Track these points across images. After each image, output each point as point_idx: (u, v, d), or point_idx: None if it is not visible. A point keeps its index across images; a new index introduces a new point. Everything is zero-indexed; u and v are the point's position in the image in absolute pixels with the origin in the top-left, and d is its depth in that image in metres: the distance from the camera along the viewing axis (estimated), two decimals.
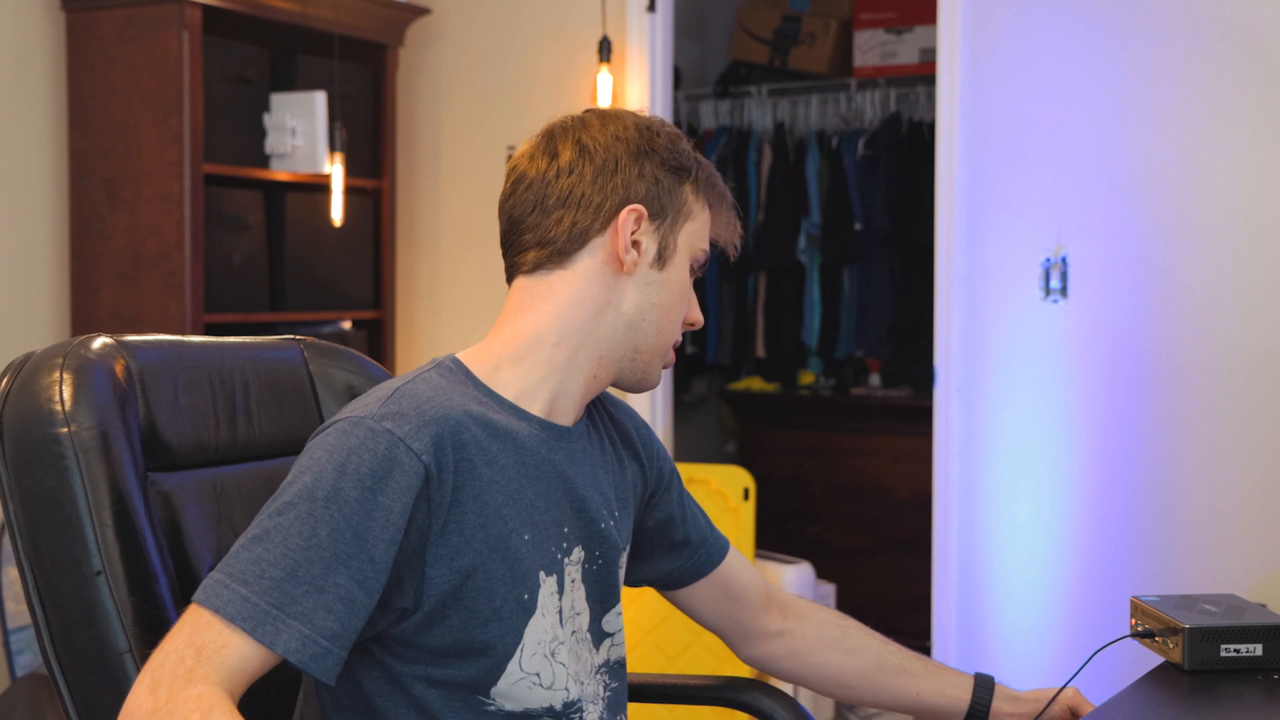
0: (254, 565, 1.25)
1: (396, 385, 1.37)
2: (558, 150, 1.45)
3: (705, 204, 1.50)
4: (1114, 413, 3.28)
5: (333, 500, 1.26)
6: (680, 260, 1.48)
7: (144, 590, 1.37)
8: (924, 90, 4.99)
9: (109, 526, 1.36)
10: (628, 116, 1.49)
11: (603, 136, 1.45)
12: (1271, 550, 3.12)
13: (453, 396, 1.37)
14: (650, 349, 1.48)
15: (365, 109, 3.94)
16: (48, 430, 1.38)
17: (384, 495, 1.28)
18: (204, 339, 1.64)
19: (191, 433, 1.53)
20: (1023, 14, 3.37)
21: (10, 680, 3.27)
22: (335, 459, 1.28)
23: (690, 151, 1.50)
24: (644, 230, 1.45)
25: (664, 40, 3.87)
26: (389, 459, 1.29)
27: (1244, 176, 3.14)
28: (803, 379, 5.32)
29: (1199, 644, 1.62)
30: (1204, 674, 1.62)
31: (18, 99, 3.47)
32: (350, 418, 1.32)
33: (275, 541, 1.25)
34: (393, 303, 4.03)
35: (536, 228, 1.44)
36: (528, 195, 1.45)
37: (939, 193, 3.48)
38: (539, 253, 1.44)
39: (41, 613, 1.38)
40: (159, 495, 1.47)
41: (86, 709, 1.37)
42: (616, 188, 1.44)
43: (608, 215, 1.43)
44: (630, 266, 1.44)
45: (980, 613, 3.45)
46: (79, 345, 1.46)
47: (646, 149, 1.46)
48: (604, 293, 1.44)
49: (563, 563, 1.43)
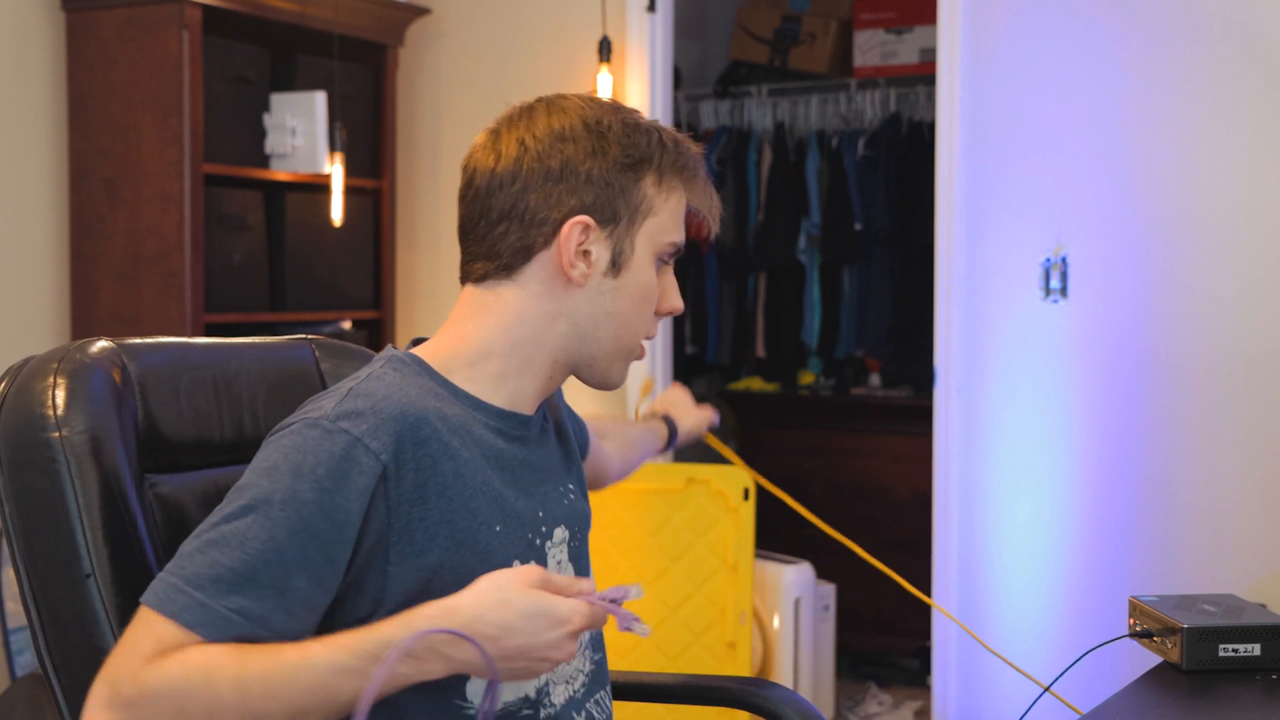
0: (209, 569, 1.23)
1: (350, 384, 1.35)
2: (502, 153, 1.40)
3: (673, 187, 1.42)
4: (1114, 413, 3.28)
5: (289, 503, 1.25)
6: (640, 261, 1.41)
7: (135, 593, 1.37)
8: (924, 90, 4.99)
9: (99, 530, 1.37)
10: (576, 110, 1.41)
11: (546, 137, 1.39)
12: (1271, 550, 3.12)
13: (410, 392, 1.34)
14: (607, 355, 1.44)
15: (365, 109, 3.94)
16: (40, 434, 1.39)
17: (341, 496, 1.26)
18: (209, 340, 1.64)
19: (194, 433, 1.53)
20: (1023, 14, 3.37)
21: (10, 680, 3.27)
22: (291, 460, 1.27)
23: (649, 135, 1.41)
24: (593, 239, 1.39)
25: (664, 40, 3.87)
26: (346, 459, 1.27)
27: (1244, 176, 3.14)
28: (803, 379, 5.32)
29: (1197, 644, 1.62)
30: (1202, 674, 1.62)
31: (18, 99, 3.47)
32: (306, 419, 1.30)
33: (232, 545, 1.24)
34: (393, 303, 4.03)
35: (483, 239, 1.41)
36: (475, 204, 1.41)
37: (939, 193, 3.48)
38: (486, 265, 1.42)
39: (35, 615, 1.39)
40: (159, 497, 1.48)
41: (80, 711, 1.37)
42: (561, 198, 1.38)
43: (552, 229, 1.38)
44: (580, 279, 1.39)
45: (980, 613, 3.45)
46: (76, 349, 1.47)
47: (595, 149, 1.38)
48: (553, 305, 1.40)
49: (544, 548, 1.43)
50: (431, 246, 4.12)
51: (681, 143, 1.44)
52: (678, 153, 1.42)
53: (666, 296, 1.46)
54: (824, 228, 5.07)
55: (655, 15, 3.84)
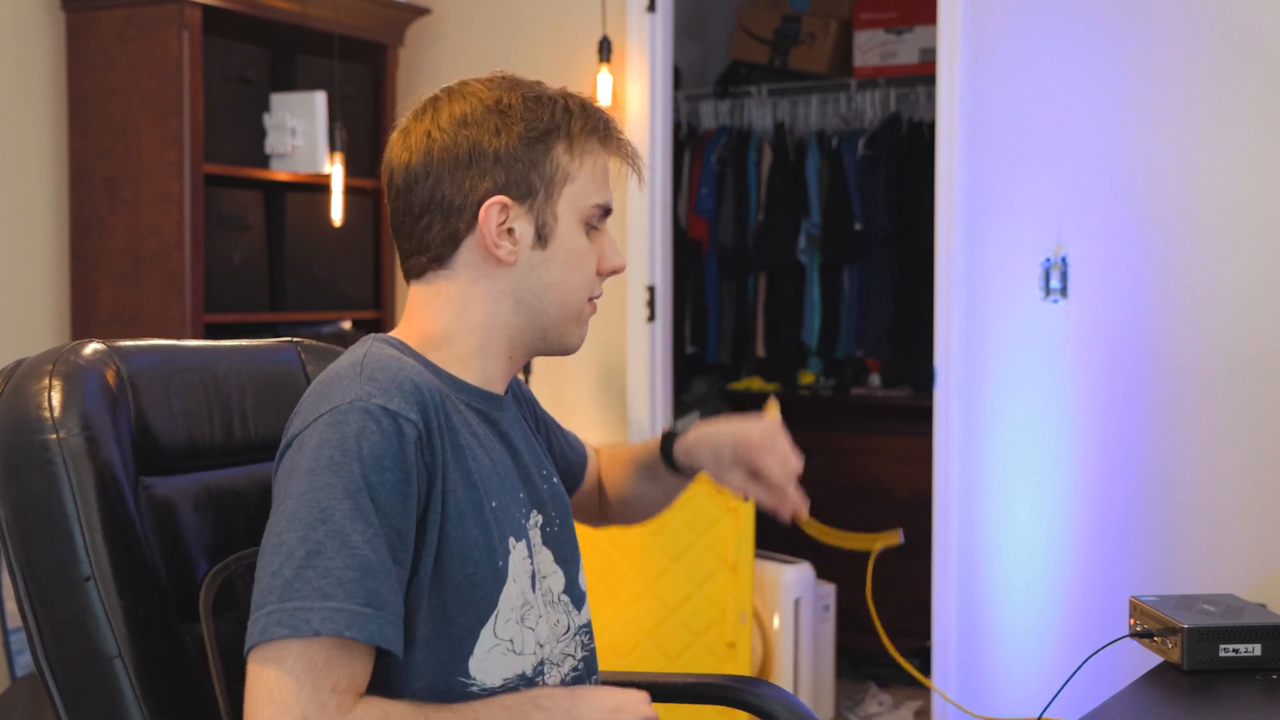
0: (326, 577, 1.24)
1: (359, 362, 1.35)
2: (412, 148, 1.42)
3: (586, 150, 1.43)
4: (1114, 413, 3.28)
5: (364, 490, 1.26)
6: (566, 228, 1.43)
7: (134, 594, 1.38)
8: (924, 90, 4.98)
9: (98, 532, 1.37)
10: (477, 94, 1.42)
11: (450, 125, 1.40)
12: (1271, 550, 3.12)
13: (411, 366, 1.36)
14: (557, 324, 1.46)
15: (365, 109, 3.94)
16: (36, 437, 1.39)
17: (401, 471, 1.29)
18: (199, 343, 1.64)
19: (185, 436, 1.53)
20: (1023, 14, 3.37)
21: (10, 680, 3.27)
22: (348, 450, 1.28)
23: (552, 104, 1.42)
24: (514, 217, 1.41)
25: (664, 40, 3.87)
26: (396, 434, 1.29)
27: (1244, 176, 3.14)
28: (803, 379, 5.31)
29: (1198, 644, 1.62)
30: (1203, 674, 1.62)
31: (18, 99, 3.47)
32: (340, 406, 1.30)
33: (337, 547, 1.24)
34: (393, 303, 4.03)
35: (410, 235, 1.44)
36: (397, 202, 1.44)
37: (939, 193, 3.48)
38: (419, 259, 1.44)
39: (33, 618, 1.38)
40: (152, 499, 1.47)
41: (77, 713, 1.37)
42: (474, 182, 1.40)
43: (471, 213, 1.40)
44: (509, 257, 1.41)
45: (980, 613, 3.45)
46: (69, 351, 1.46)
47: (499, 126, 1.40)
48: (492, 286, 1.42)
49: (527, 528, 1.44)
50: None
51: (588, 105, 1.45)
52: (585, 116, 1.43)
53: (605, 257, 1.47)
54: (824, 228, 5.07)
55: (655, 15, 3.84)
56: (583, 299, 1.46)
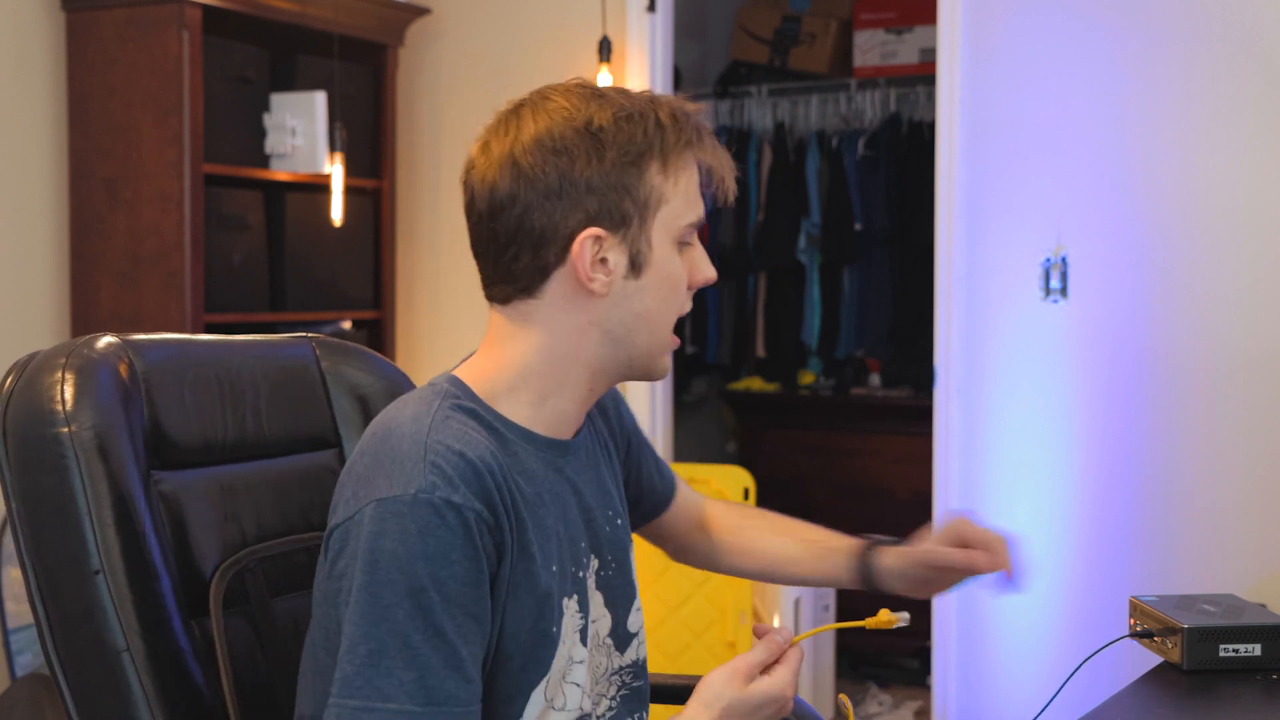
0: (387, 678, 1.22)
1: (423, 436, 1.28)
2: (497, 171, 1.34)
3: (680, 167, 1.35)
4: (1114, 413, 3.28)
5: (430, 587, 1.23)
6: (661, 253, 1.35)
7: (143, 589, 1.37)
8: (924, 90, 4.98)
9: (108, 526, 1.36)
10: (563, 112, 1.33)
11: (536, 149, 1.32)
12: (1271, 550, 3.12)
13: (477, 439, 1.30)
14: (645, 353, 1.39)
15: (365, 109, 3.94)
16: (48, 430, 1.38)
17: (471, 560, 1.25)
18: (213, 337, 1.63)
19: (198, 431, 1.53)
20: (1023, 14, 3.37)
21: (10, 680, 3.27)
22: (412, 546, 1.23)
23: (643, 121, 1.33)
24: (608, 247, 1.33)
25: (664, 40, 3.87)
26: (461, 526, 1.25)
27: (1244, 176, 3.14)
28: (803, 379, 5.31)
29: (1198, 644, 1.62)
30: (1203, 674, 1.62)
31: (18, 99, 3.47)
32: (402, 497, 1.24)
33: (396, 648, 1.22)
34: (393, 303, 4.02)
35: (496, 263, 1.36)
36: (480, 227, 1.36)
37: (939, 193, 3.48)
38: (505, 288, 1.36)
39: (43, 611, 1.38)
40: (163, 494, 1.47)
41: (86, 707, 1.37)
42: (565, 214, 1.32)
43: (562, 245, 1.32)
44: (602, 289, 1.34)
45: (980, 612, 3.45)
46: (83, 345, 1.46)
47: (591, 152, 1.32)
48: (582, 317, 1.35)
49: (584, 579, 1.41)
50: (431, 246, 4.11)
51: (679, 114, 1.36)
52: (677, 129, 1.35)
53: (696, 268, 1.40)
54: (824, 228, 5.07)
55: (655, 15, 3.84)
56: (672, 325, 1.40)
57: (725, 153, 1.39)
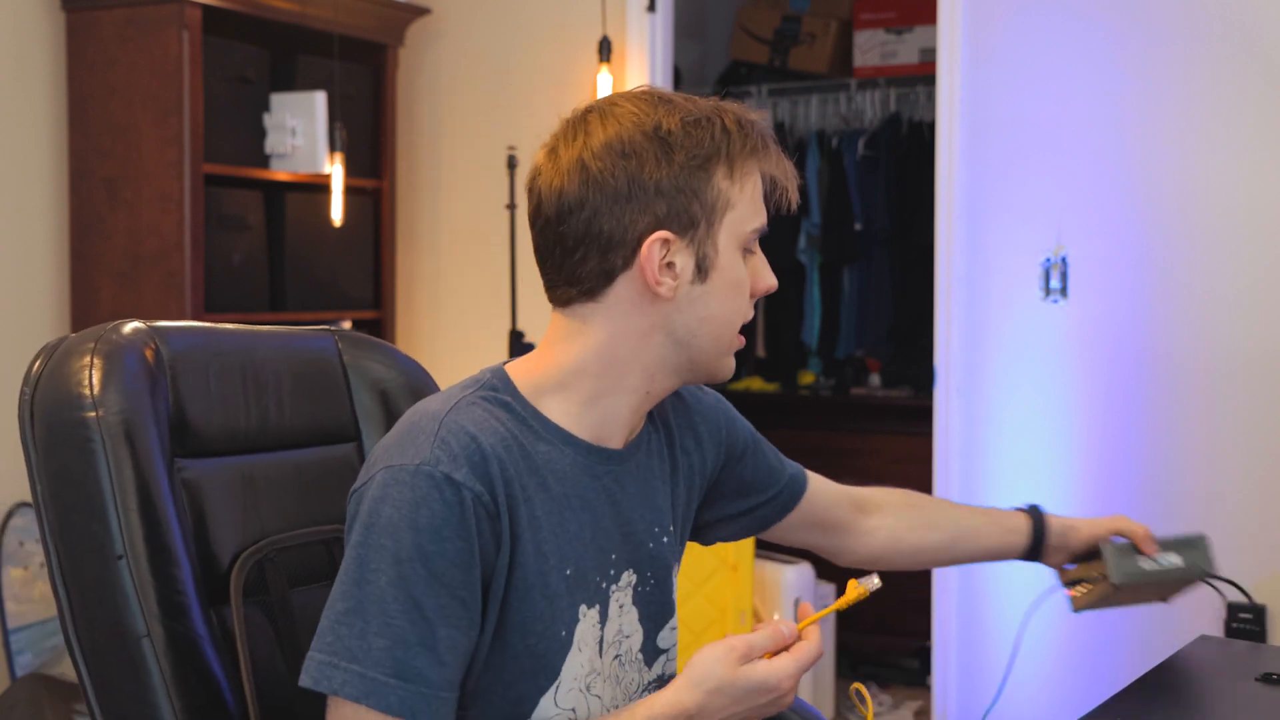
0: (359, 640, 1.23)
1: (441, 414, 1.30)
2: (565, 175, 1.33)
3: (746, 173, 1.36)
4: (1114, 413, 3.28)
5: (416, 559, 1.24)
6: (727, 258, 1.36)
7: (165, 575, 1.38)
8: (924, 90, 4.99)
9: (133, 511, 1.37)
10: (631, 117, 1.34)
11: (605, 153, 1.32)
12: (1271, 550, 3.12)
13: (496, 428, 1.31)
14: (708, 356, 1.39)
15: (365, 109, 3.94)
16: (76, 414, 1.39)
17: (462, 540, 1.25)
18: (237, 327, 1.63)
19: (221, 420, 1.53)
20: (1023, 14, 3.37)
21: (10, 680, 3.27)
22: (405, 515, 1.24)
23: (710, 126, 1.34)
24: (675, 251, 1.33)
25: (664, 40, 3.87)
26: (458, 503, 1.25)
27: (1244, 176, 3.14)
28: (803, 379, 5.32)
29: (1121, 558, 1.72)
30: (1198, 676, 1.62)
31: (18, 99, 3.47)
32: (406, 466, 1.26)
33: (373, 613, 1.23)
34: (393, 303, 4.03)
35: (561, 267, 1.35)
36: (547, 232, 1.35)
37: (939, 193, 3.48)
38: (568, 290, 1.36)
39: (64, 594, 1.39)
40: (185, 481, 1.47)
41: (104, 691, 1.38)
42: (634, 217, 1.32)
43: (630, 249, 1.33)
44: (669, 293, 1.34)
45: (980, 613, 3.45)
46: (111, 330, 1.46)
47: (659, 155, 1.32)
48: (645, 321, 1.35)
49: (608, 591, 1.40)
50: (431, 246, 4.12)
51: (744, 121, 1.36)
52: (744, 136, 1.35)
53: (759, 276, 1.41)
54: (824, 228, 5.07)
55: (655, 15, 3.84)
56: (736, 329, 1.40)
57: (788, 162, 1.40)
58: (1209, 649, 1.81)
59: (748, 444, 1.63)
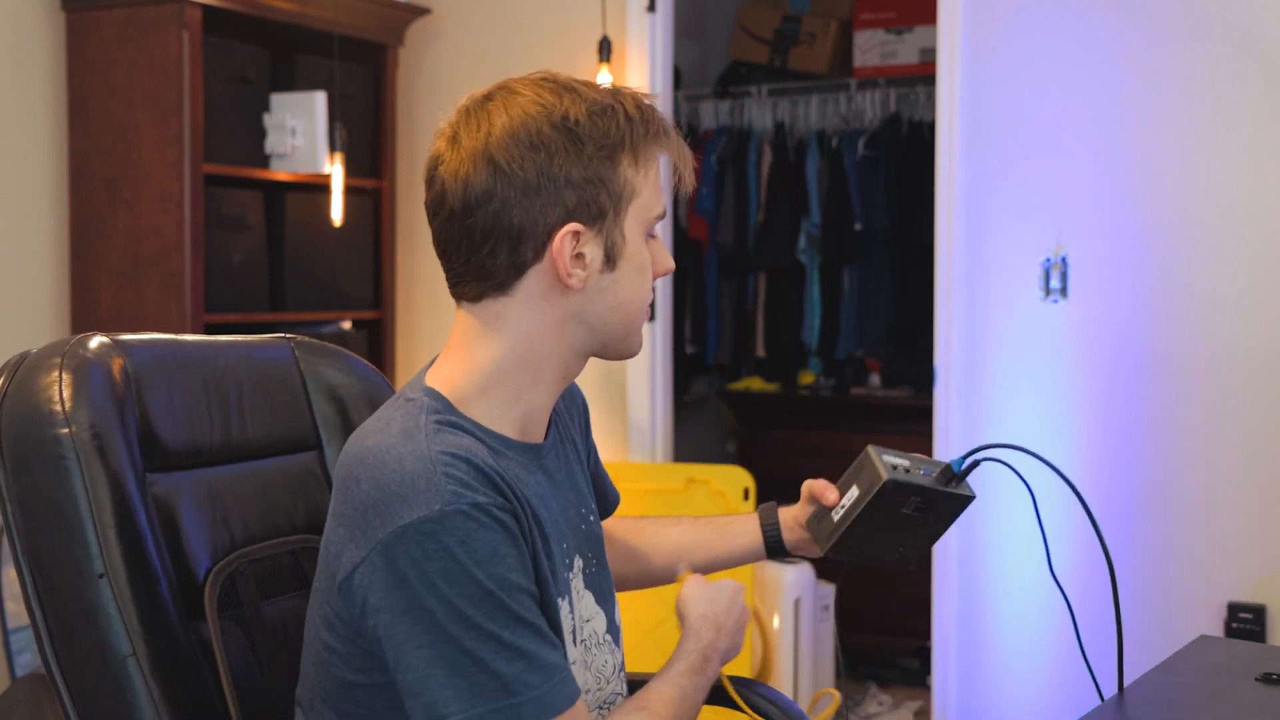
0: (499, 678, 1.23)
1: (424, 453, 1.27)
2: (470, 166, 1.31)
3: (649, 159, 1.35)
4: (1114, 413, 3.28)
5: (496, 589, 1.24)
6: (633, 245, 1.36)
7: (146, 592, 1.36)
8: (924, 90, 4.99)
9: (111, 528, 1.35)
10: (534, 103, 1.32)
11: (515, 145, 1.30)
12: (1271, 551, 3.12)
13: (472, 446, 1.30)
14: (619, 339, 1.40)
15: (365, 109, 3.94)
16: (48, 430, 1.36)
17: (515, 549, 1.27)
18: (197, 338, 1.63)
19: (186, 433, 1.52)
20: (1023, 14, 3.37)
21: (10, 680, 3.27)
22: (461, 560, 1.23)
23: (614, 114, 1.33)
24: (585, 242, 1.33)
25: (664, 40, 3.87)
26: (497, 524, 1.25)
27: (1244, 176, 3.14)
28: (803, 379, 5.32)
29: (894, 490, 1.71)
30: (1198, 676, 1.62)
31: (18, 99, 3.47)
32: (429, 518, 1.23)
33: (494, 651, 1.23)
34: (393, 303, 4.03)
35: (469, 261, 1.34)
36: (451, 225, 1.34)
37: (939, 193, 3.48)
38: (478, 286, 1.35)
39: (41, 615, 1.36)
40: (155, 496, 1.45)
41: (88, 711, 1.36)
42: (544, 209, 1.30)
43: (541, 241, 1.32)
44: (579, 284, 1.33)
45: (980, 613, 3.45)
46: (76, 344, 1.44)
47: (568, 147, 1.31)
48: (557, 312, 1.35)
49: (569, 580, 1.41)
50: (431, 246, 4.11)
51: (644, 107, 1.36)
52: (645, 123, 1.35)
53: (659, 260, 1.41)
54: (824, 228, 5.07)
55: (655, 15, 3.84)
56: (644, 310, 1.41)
57: (686, 146, 1.40)
58: (1209, 649, 1.81)
59: (593, 448, 1.64)
